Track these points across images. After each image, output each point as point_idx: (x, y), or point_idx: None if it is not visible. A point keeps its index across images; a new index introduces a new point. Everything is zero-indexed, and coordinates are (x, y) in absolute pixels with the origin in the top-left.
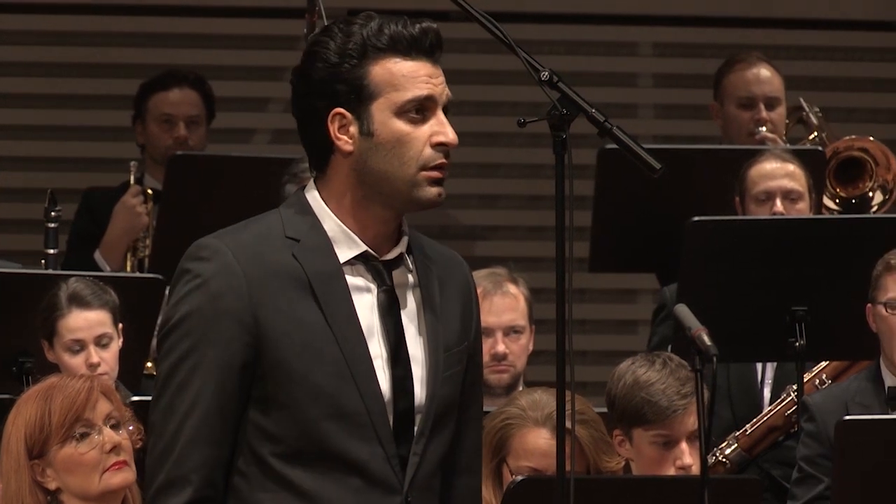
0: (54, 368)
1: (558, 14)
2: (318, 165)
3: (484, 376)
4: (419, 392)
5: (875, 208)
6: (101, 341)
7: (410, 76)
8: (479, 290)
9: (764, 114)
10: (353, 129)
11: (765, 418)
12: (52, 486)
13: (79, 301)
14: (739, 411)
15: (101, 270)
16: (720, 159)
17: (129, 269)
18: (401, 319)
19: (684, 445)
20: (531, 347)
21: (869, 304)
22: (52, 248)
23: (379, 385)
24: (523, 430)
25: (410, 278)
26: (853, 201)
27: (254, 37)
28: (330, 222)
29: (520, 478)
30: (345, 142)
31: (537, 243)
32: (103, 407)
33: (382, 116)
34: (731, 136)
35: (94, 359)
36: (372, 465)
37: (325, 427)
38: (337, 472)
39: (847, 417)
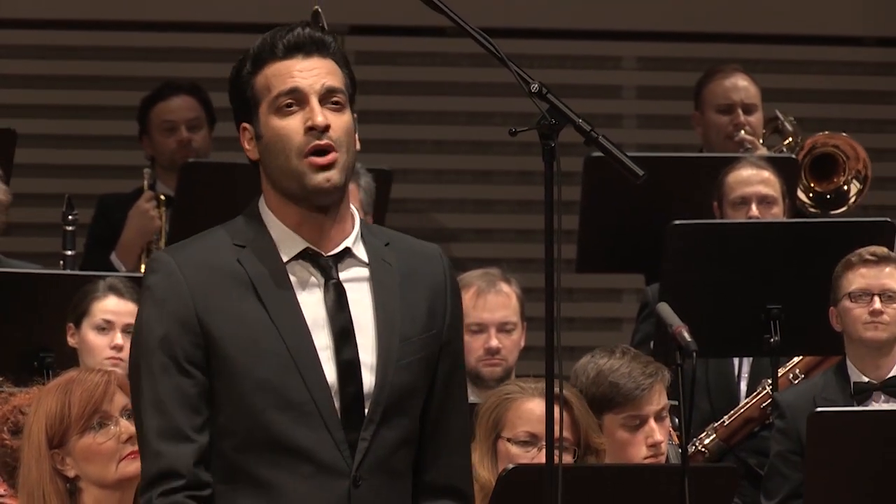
0: (74, 363)
1: (547, 29)
2: (258, 176)
3: (478, 369)
4: (369, 379)
5: (854, 198)
6: (128, 329)
7: (279, 75)
8: (473, 289)
9: (742, 118)
10: (253, 138)
11: (741, 410)
12: (70, 473)
13: (116, 290)
14: (717, 403)
15: (117, 271)
16: (699, 166)
17: (143, 270)
18: (349, 311)
19: (653, 423)
20: (523, 343)
21: (832, 308)
22: (70, 250)
23: (324, 374)
24: (518, 401)
25: (362, 271)
26: (828, 196)
27: None
28: (273, 225)
29: (511, 466)
30: (250, 151)
31: (528, 245)
32: (120, 399)
33: (265, 118)
34: (711, 140)
35: (119, 341)
36: (320, 451)
37: (272, 417)
38: (288, 459)
39: (819, 409)
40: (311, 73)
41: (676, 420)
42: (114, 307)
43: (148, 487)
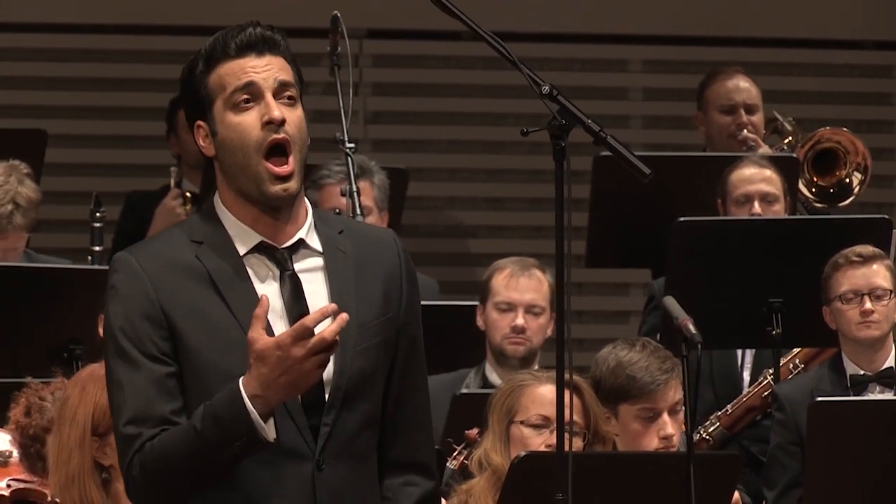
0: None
1: (557, 33)
2: (215, 172)
3: (502, 346)
4: (328, 366)
5: (857, 189)
6: None
7: (233, 72)
8: (507, 271)
9: (744, 118)
10: (209, 135)
11: (744, 399)
12: (106, 462)
13: None
14: (721, 393)
15: None
16: (703, 165)
17: None
18: (305, 301)
19: (666, 417)
20: (550, 331)
21: (824, 307)
22: (98, 246)
23: None
24: (530, 387)
25: (316, 261)
26: (831, 190)
27: None
28: (229, 221)
29: (523, 453)
30: (206, 147)
31: (539, 241)
32: None
33: (220, 116)
34: (714, 140)
35: None
36: (283, 437)
37: None
38: None
39: (819, 399)
40: (265, 69)
41: (683, 408)
42: None
43: (128, 468)
